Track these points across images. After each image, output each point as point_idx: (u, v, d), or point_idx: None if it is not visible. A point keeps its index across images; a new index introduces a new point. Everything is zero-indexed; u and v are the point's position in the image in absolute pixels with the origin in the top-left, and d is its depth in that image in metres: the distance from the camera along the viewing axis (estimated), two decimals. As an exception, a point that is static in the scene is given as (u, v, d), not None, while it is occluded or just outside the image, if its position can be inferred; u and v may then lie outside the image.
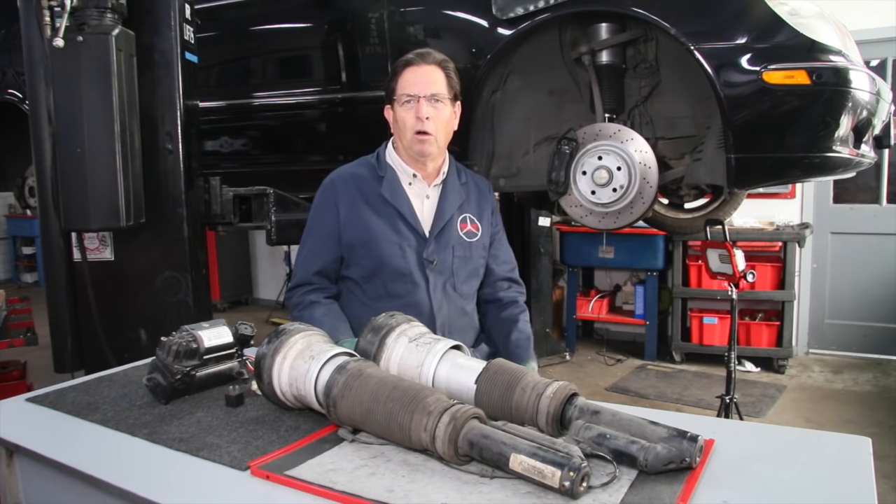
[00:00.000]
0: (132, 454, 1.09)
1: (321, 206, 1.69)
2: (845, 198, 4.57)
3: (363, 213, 1.63)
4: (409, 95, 1.60)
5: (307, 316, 1.59)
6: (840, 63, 1.90)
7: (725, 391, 2.86)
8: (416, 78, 1.61)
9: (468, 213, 1.70)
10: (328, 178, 1.71)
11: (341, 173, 1.71)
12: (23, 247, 8.08)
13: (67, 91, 1.88)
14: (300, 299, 1.66)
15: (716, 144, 2.12)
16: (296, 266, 1.73)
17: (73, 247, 2.18)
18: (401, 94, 1.61)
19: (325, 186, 1.71)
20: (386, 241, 1.62)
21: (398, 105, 1.63)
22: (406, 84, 1.61)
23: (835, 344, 4.62)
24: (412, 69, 1.61)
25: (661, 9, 1.99)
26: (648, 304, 4.63)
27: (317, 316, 1.59)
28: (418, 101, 1.59)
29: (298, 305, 1.65)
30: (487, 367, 1.13)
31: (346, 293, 1.70)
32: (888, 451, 2.99)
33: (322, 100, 2.70)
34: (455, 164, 1.75)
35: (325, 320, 1.56)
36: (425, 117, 1.59)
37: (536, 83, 2.41)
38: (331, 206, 1.66)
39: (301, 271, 1.69)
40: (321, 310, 1.62)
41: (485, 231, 1.72)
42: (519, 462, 0.89)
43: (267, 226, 2.40)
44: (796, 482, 0.94)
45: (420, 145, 1.61)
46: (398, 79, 1.63)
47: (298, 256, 1.72)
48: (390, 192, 1.64)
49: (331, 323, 1.56)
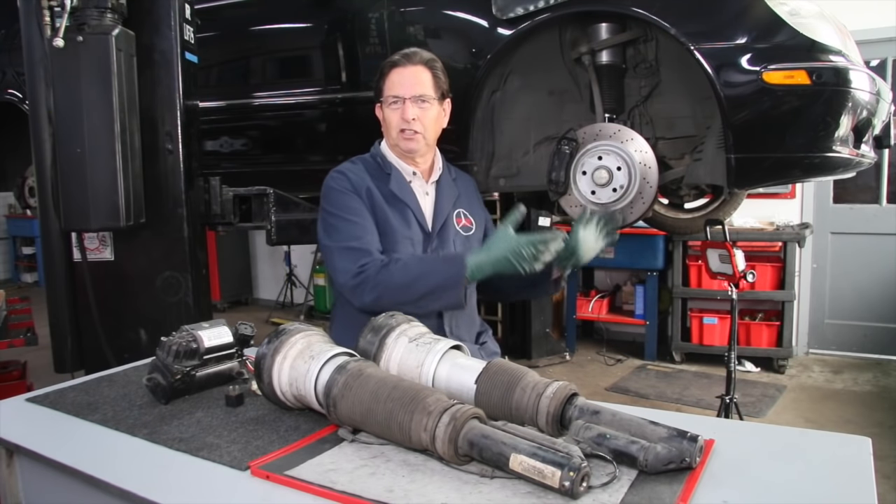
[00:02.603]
0: (132, 454, 1.09)
1: (342, 192, 1.62)
2: (845, 198, 4.57)
3: (379, 205, 1.63)
4: (394, 97, 1.63)
5: (404, 265, 1.52)
6: (840, 63, 1.90)
7: (725, 391, 2.86)
8: (401, 79, 1.63)
9: (461, 209, 1.75)
10: (336, 172, 1.67)
11: (348, 168, 1.68)
12: (23, 247, 8.08)
13: (67, 91, 1.88)
14: (380, 265, 1.53)
15: (716, 144, 2.12)
16: (342, 252, 1.57)
17: (73, 247, 2.18)
18: (387, 96, 1.64)
19: (335, 178, 1.65)
20: (400, 236, 1.63)
21: (385, 105, 1.66)
22: (392, 85, 1.64)
23: (835, 344, 4.62)
24: (398, 70, 1.64)
25: (661, 9, 1.99)
26: (648, 304, 4.64)
27: (416, 261, 1.56)
28: (404, 102, 1.62)
29: (385, 268, 1.53)
30: (487, 367, 1.13)
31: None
32: (888, 451, 2.99)
33: (322, 100, 2.70)
34: (445, 161, 1.78)
35: (430, 258, 1.59)
36: (411, 118, 1.62)
37: (536, 83, 2.41)
38: (352, 191, 1.62)
39: (358, 247, 1.56)
40: (415, 256, 1.59)
41: (478, 225, 1.76)
42: (519, 462, 0.89)
43: (267, 226, 2.40)
44: (796, 482, 0.94)
45: (406, 142, 1.65)
46: (385, 80, 1.65)
47: (339, 242, 1.58)
48: (399, 188, 1.67)
49: (431, 258, 1.59)
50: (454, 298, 1.52)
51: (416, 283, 1.51)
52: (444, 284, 1.51)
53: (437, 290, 1.51)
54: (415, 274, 1.51)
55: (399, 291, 1.51)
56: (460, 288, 1.51)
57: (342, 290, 1.59)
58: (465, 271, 1.50)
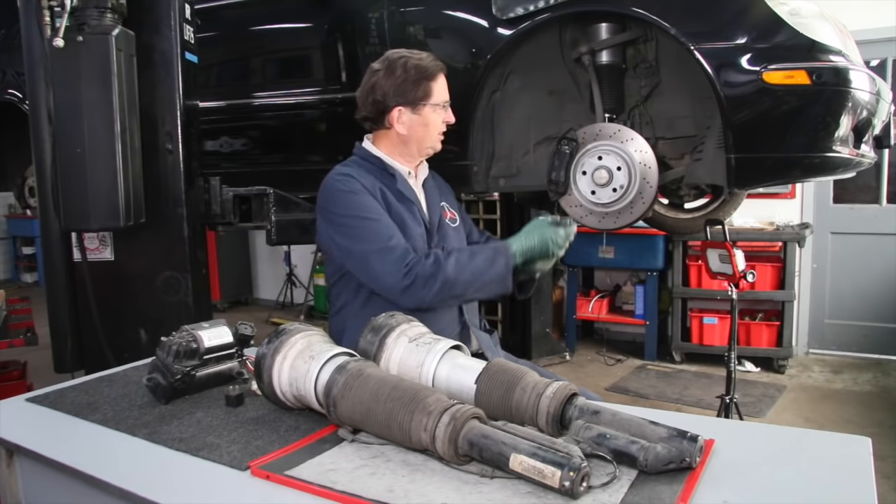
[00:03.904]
0: (132, 454, 1.09)
1: (357, 193, 1.60)
2: (845, 198, 4.56)
3: (392, 204, 1.65)
4: (445, 101, 1.70)
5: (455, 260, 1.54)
6: (840, 63, 1.90)
7: (725, 391, 2.86)
8: (444, 84, 1.70)
9: (444, 203, 1.81)
10: (340, 175, 1.65)
11: (349, 171, 1.67)
12: (23, 247, 8.08)
13: (67, 91, 1.88)
14: (427, 262, 1.53)
15: (716, 144, 2.12)
16: (380, 254, 1.54)
17: (73, 247, 2.18)
18: (441, 100, 1.69)
19: (344, 181, 1.63)
20: (414, 232, 1.65)
21: (431, 109, 1.68)
22: (441, 90, 1.69)
23: (835, 344, 4.62)
24: (442, 77, 1.70)
25: (661, 9, 1.99)
26: (648, 304, 4.63)
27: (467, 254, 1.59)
28: (446, 107, 1.71)
29: (436, 263, 1.53)
30: (487, 367, 1.13)
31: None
32: (888, 451, 2.99)
33: (322, 100, 2.70)
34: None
35: (478, 250, 1.61)
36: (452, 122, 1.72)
37: (536, 83, 2.41)
38: (366, 192, 1.62)
39: (395, 246, 1.54)
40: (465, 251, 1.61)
41: (459, 216, 1.85)
42: (519, 462, 0.89)
43: (267, 226, 2.40)
44: (796, 482, 0.94)
45: (440, 145, 1.74)
46: (433, 84, 1.67)
47: (373, 245, 1.55)
48: (404, 187, 1.70)
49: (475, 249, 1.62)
50: (505, 287, 1.59)
51: (472, 276, 1.56)
52: (498, 275, 1.57)
53: (491, 282, 1.57)
54: (469, 268, 1.56)
55: (455, 286, 1.55)
56: (510, 277, 1.58)
57: (389, 292, 1.56)
58: (512, 261, 1.57)
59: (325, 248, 1.71)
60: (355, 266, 1.61)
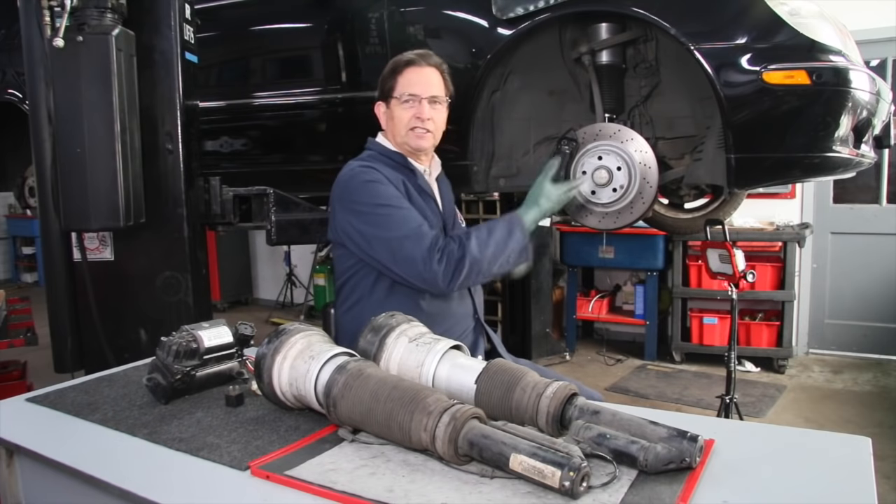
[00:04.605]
0: (132, 454, 1.09)
1: (381, 183, 1.60)
2: (845, 198, 4.57)
3: (414, 198, 1.66)
4: (411, 95, 1.65)
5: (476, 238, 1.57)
6: (840, 63, 1.90)
7: (725, 391, 2.86)
8: (419, 78, 1.66)
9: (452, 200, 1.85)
10: (362, 166, 1.64)
11: (370, 164, 1.66)
12: (23, 247, 8.08)
13: (67, 91, 1.88)
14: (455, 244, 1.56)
15: (716, 144, 2.12)
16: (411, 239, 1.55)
17: (73, 247, 2.18)
18: (402, 93, 1.65)
19: (366, 172, 1.62)
20: (435, 228, 1.64)
21: (398, 103, 1.66)
22: (409, 83, 1.65)
23: (835, 344, 4.62)
24: (415, 69, 1.66)
25: (661, 9, 1.98)
26: (648, 304, 4.63)
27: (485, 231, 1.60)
28: (420, 101, 1.65)
29: (461, 245, 1.55)
30: (487, 367, 1.13)
31: (395, 283, 1.64)
32: (888, 451, 2.99)
33: (322, 100, 2.70)
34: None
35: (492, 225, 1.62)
36: (427, 118, 1.65)
37: (536, 83, 2.41)
38: (389, 182, 1.61)
39: (426, 231, 1.56)
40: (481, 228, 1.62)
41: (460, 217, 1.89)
42: (519, 462, 0.89)
43: (267, 226, 2.40)
44: (796, 482, 0.94)
45: (417, 140, 1.68)
46: (398, 77, 1.66)
47: (402, 231, 1.56)
48: (424, 182, 1.71)
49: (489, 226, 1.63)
50: (527, 256, 1.64)
51: (496, 250, 1.58)
52: (519, 245, 1.61)
53: (513, 252, 1.61)
54: (490, 244, 1.57)
55: (482, 263, 1.56)
56: (530, 245, 1.62)
57: (421, 276, 1.54)
58: (527, 230, 1.63)
59: (341, 241, 1.68)
60: (386, 254, 1.58)
